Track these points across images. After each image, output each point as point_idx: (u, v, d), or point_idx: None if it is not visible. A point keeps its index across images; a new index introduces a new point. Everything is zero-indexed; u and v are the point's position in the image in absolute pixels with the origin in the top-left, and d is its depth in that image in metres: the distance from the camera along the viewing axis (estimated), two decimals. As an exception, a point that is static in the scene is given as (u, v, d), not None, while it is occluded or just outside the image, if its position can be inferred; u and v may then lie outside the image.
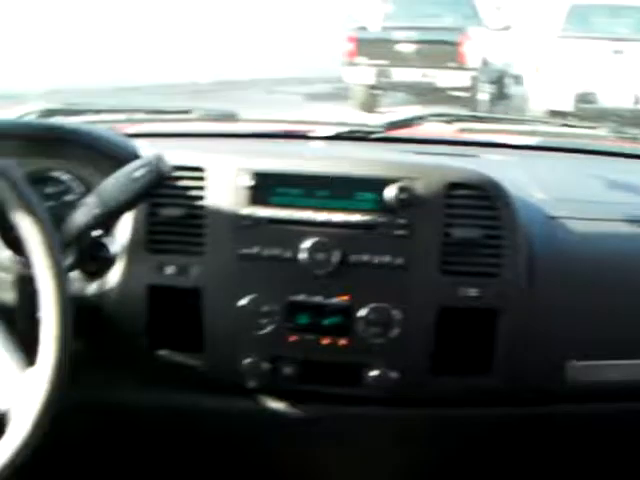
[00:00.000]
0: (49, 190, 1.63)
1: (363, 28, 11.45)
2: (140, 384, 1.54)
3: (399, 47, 10.92)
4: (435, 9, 11.26)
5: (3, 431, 1.20)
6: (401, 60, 10.86)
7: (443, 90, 10.97)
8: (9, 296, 1.32)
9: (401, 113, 2.26)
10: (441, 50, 10.84)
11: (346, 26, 11.73)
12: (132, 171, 1.38)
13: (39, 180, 1.61)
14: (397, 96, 12.07)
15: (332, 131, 2.01)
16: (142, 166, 1.37)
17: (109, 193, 1.39)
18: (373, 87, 11.36)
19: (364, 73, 11.05)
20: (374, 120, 2.13)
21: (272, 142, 2.05)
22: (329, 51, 13.06)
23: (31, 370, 1.20)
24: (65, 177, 1.62)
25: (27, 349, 1.22)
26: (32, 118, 1.94)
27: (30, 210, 1.21)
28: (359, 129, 2.03)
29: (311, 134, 2.02)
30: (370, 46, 11.06)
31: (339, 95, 12.09)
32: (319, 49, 14.21)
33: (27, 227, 1.21)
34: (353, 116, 2.22)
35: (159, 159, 1.37)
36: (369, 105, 11.29)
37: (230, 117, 2.13)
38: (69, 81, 9.76)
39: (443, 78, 10.87)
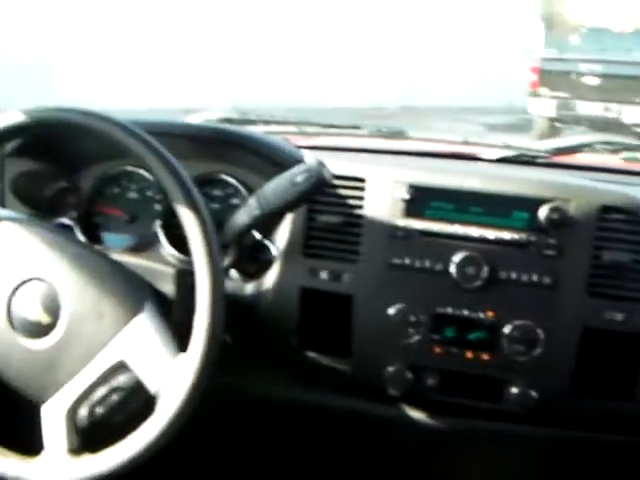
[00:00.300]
0: (217, 192, 1.72)
1: (547, 59, 11.28)
2: (286, 381, 1.60)
3: (583, 79, 10.71)
4: (623, 43, 10.96)
5: (153, 410, 1.27)
6: (584, 93, 10.64)
7: (628, 126, 10.68)
8: (168, 288, 1.39)
9: (568, 139, 2.24)
10: (628, 85, 10.56)
11: (530, 56, 11.61)
12: (293, 176, 1.43)
13: (208, 182, 1.71)
14: (579, 130, 11.83)
15: (498, 154, 2.02)
16: (303, 172, 1.43)
17: (269, 196, 1.45)
18: (554, 119, 11.17)
19: (546, 105, 10.89)
20: (541, 145, 2.12)
21: (438, 161, 2.08)
22: (515, 81, 12.96)
23: (182, 356, 1.27)
24: (232, 181, 1.70)
25: (180, 336, 1.29)
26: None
27: (195, 210, 1.28)
28: (525, 153, 2.03)
29: (478, 156, 2.04)
30: (553, 77, 10.89)
31: (522, 126, 11.94)
32: (506, 79, 14.11)
33: (191, 226, 1.28)
34: (520, 140, 2.20)
35: (320, 166, 1.43)
36: (549, 138, 11.10)
37: (399, 134, 2.16)
38: (254, 99, 10.03)
39: (629, 114, 10.57)
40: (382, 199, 1.54)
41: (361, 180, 1.56)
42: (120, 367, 1.30)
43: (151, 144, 1.31)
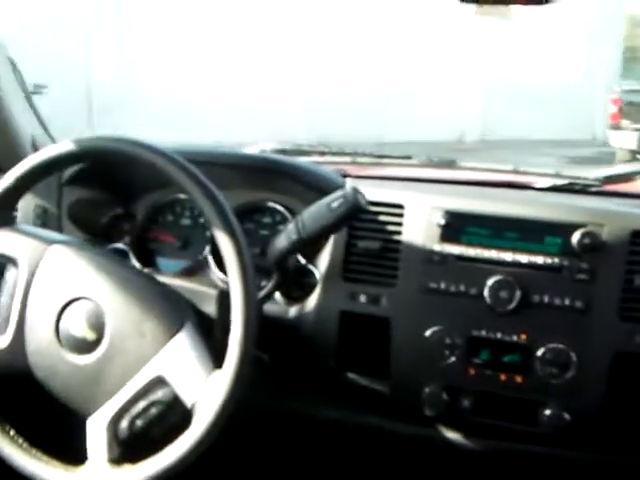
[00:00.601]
0: (265, 220, 1.78)
1: (628, 91, 11.17)
2: (325, 401, 1.64)
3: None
4: None
5: (189, 423, 1.33)
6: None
7: None
8: (211, 309, 1.45)
9: (622, 167, 2.25)
10: None
11: (611, 88, 11.51)
12: (330, 202, 1.49)
13: (257, 210, 1.77)
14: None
15: (549, 182, 2.03)
16: (339, 197, 1.48)
17: (307, 221, 1.51)
18: (636, 152, 11.04)
19: (627, 137, 10.78)
20: (593, 174, 2.14)
21: (486, 190, 2.10)
22: (596, 114, 12.84)
23: (217, 372, 1.33)
24: (280, 208, 1.76)
25: (218, 354, 1.34)
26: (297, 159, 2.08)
27: (231, 234, 1.34)
28: (576, 182, 2.04)
29: (529, 184, 2.06)
30: (634, 109, 10.77)
31: (603, 159, 11.82)
32: (587, 111, 13.99)
33: (227, 249, 1.34)
34: (571, 169, 2.21)
35: (356, 192, 1.48)
36: (630, 170, 10.91)
37: (450, 164, 2.20)
38: (339, 134, 10.11)
39: None
40: (420, 225, 1.58)
41: (400, 207, 1.61)
42: (159, 382, 1.36)
43: (191, 171, 1.37)
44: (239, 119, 11.71)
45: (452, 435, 1.58)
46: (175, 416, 1.36)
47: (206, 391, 1.33)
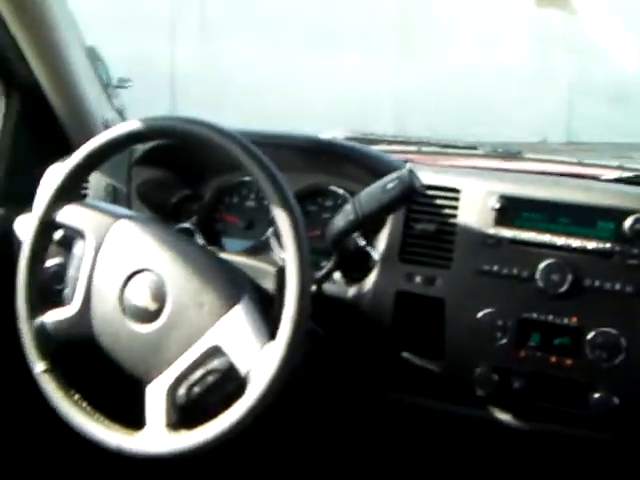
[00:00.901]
0: (328, 203, 1.83)
1: None
2: (379, 378, 1.68)
3: None
4: None
5: (243, 391, 1.38)
6: None
7: None
8: (269, 285, 1.50)
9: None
10: None
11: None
12: (386, 183, 1.53)
13: (320, 193, 1.82)
14: None
15: (615, 175, 2.04)
16: (394, 179, 1.52)
17: (363, 202, 1.55)
18: None
19: None
20: (658, 166, 2.13)
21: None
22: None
23: (271, 343, 1.38)
24: (341, 191, 1.80)
25: (274, 327, 1.39)
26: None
27: (288, 211, 1.39)
28: None
29: (595, 176, 2.06)
30: None
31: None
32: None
33: (284, 226, 1.39)
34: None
35: (411, 174, 1.51)
36: None
37: (516, 155, 2.21)
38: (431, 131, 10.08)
39: None
40: (475, 209, 1.61)
41: (456, 191, 1.64)
42: (216, 352, 1.41)
43: (253, 152, 1.42)
44: (327, 115, 11.77)
45: (502, 416, 1.60)
46: (230, 384, 1.41)
47: (260, 361, 1.38)
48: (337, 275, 1.73)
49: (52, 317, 1.52)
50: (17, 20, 1.71)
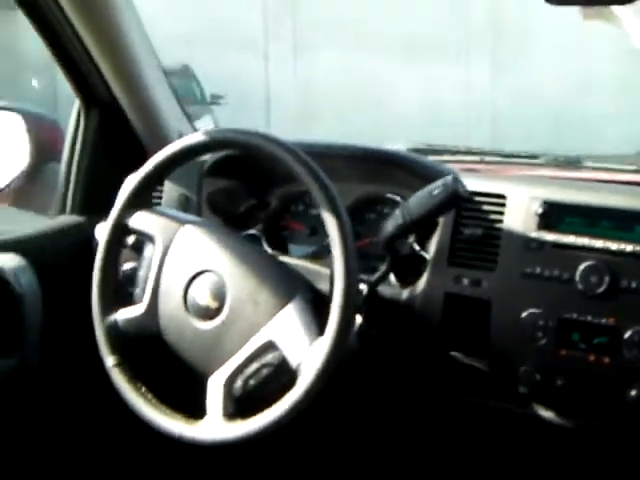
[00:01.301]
0: (386, 210, 1.93)
1: None
2: (428, 376, 1.77)
3: None
4: None
5: (294, 384, 1.49)
6: None
7: None
8: (323, 286, 1.61)
9: None
10: None
11: None
12: (432, 190, 1.62)
13: (380, 201, 1.92)
14: None
15: None
16: (440, 186, 1.61)
17: (411, 207, 1.65)
18: None
19: None
20: None
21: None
22: None
23: (319, 340, 1.49)
24: (398, 199, 1.90)
25: (325, 325, 1.50)
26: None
27: (337, 217, 1.50)
28: None
29: None
30: None
31: None
32: None
33: (332, 230, 1.50)
34: None
35: (455, 181, 1.60)
36: None
37: (576, 164, 2.27)
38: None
39: None
40: (519, 214, 1.69)
41: (502, 197, 1.72)
42: (270, 347, 1.52)
43: (304, 160, 1.53)
44: (420, 128, 11.85)
45: (544, 412, 1.67)
46: (282, 377, 1.52)
47: (309, 355, 1.48)
48: (393, 278, 1.82)
49: (123, 315, 1.65)
50: (96, 42, 1.86)
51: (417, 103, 12.81)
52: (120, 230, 1.68)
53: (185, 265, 1.62)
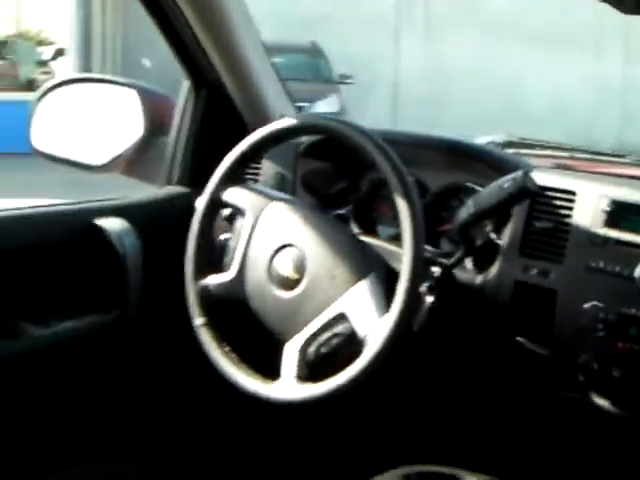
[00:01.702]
0: (466, 199, 2.03)
1: None
2: (492, 358, 1.87)
3: None
4: None
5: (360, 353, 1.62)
6: None
7: None
8: (397, 265, 1.72)
9: None
10: None
11: None
12: (503, 182, 1.72)
13: (462, 190, 2.02)
14: None
15: None
16: (510, 179, 1.71)
17: (482, 197, 1.75)
18: None
19: None
20: None
21: None
22: None
23: (387, 314, 1.62)
24: (478, 188, 2.00)
25: (392, 300, 1.63)
26: (491, 145, 2.32)
27: (407, 199, 1.63)
28: None
29: None
30: None
31: None
32: None
33: (403, 211, 1.63)
34: None
35: (525, 176, 1.70)
36: None
37: None
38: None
39: None
40: (588, 210, 1.77)
41: (573, 193, 1.80)
42: (341, 318, 1.66)
43: (379, 144, 1.66)
44: (547, 119, 11.76)
45: (599, 401, 1.75)
46: (350, 347, 1.65)
47: (376, 328, 1.61)
48: (469, 264, 1.92)
49: (213, 280, 1.81)
50: (203, 28, 2.02)
51: (545, 92, 12.68)
52: (215, 203, 1.84)
53: (271, 238, 1.77)
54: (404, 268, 1.61)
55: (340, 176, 2.17)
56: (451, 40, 12.93)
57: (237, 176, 1.85)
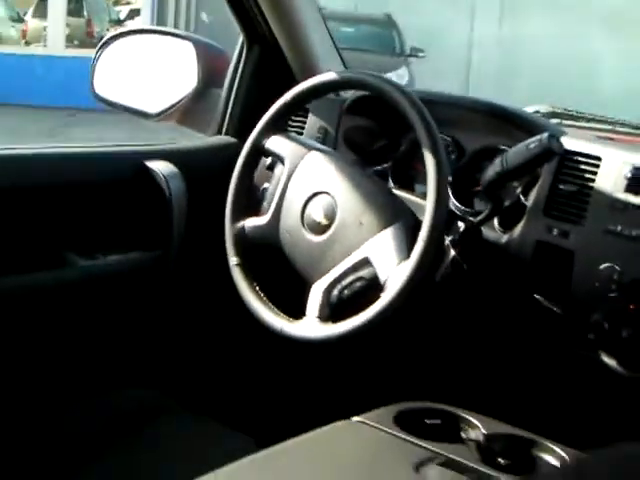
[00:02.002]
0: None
1: None
2: (510, 316, 1.96)
3: None
4: None
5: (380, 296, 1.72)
6: None
7: None
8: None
9: None
10: None
11: None
12: (529, 143, 1.79)
13: (495, 152, 2.09)
14: None
15: None
16: (536, 140, 1.78)
17: (510, 157, 1.82)
18: None
19: None
20: None
21: None
22: None
23: (406, 260, 1.71)
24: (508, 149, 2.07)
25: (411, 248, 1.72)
26: (536, 114, 2.38)
27: (434, 152, 1.72)
28: None
29: None
30: None
31: None
32: None
33: (429, 167, 1.72)
34: None
35: (550, 138, 1.77)
36: None
37: None
38: None
39: None
40: (611, 175, 1.83)
41: (598, 158, 1.87)
42: (365, 263, 1.76)
43: (411, 99, 1.75)
44: (619, 101, 11.63)
45: (607, 360, 1.82)
46: (372, 290, 1.75)
47: (396, 273, 1.71)
48: (497, 223, 2.00)
49: (250, 223, 1.93)
50: None
51: (622, 75, 12.52)
52: (257, 149, 1.95)
53: (306, 185, 1.88)
54: (426, 217, 1.70)
55: (382, 134, 2.25)
56: (527, 20, 12.83)
57: (279, 126, 1.96)
